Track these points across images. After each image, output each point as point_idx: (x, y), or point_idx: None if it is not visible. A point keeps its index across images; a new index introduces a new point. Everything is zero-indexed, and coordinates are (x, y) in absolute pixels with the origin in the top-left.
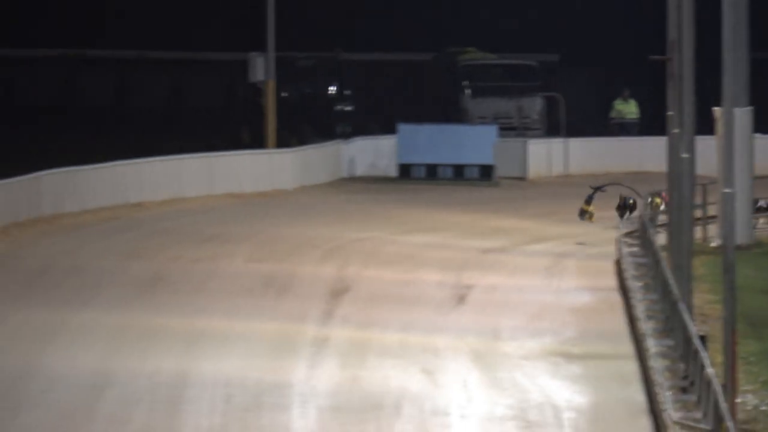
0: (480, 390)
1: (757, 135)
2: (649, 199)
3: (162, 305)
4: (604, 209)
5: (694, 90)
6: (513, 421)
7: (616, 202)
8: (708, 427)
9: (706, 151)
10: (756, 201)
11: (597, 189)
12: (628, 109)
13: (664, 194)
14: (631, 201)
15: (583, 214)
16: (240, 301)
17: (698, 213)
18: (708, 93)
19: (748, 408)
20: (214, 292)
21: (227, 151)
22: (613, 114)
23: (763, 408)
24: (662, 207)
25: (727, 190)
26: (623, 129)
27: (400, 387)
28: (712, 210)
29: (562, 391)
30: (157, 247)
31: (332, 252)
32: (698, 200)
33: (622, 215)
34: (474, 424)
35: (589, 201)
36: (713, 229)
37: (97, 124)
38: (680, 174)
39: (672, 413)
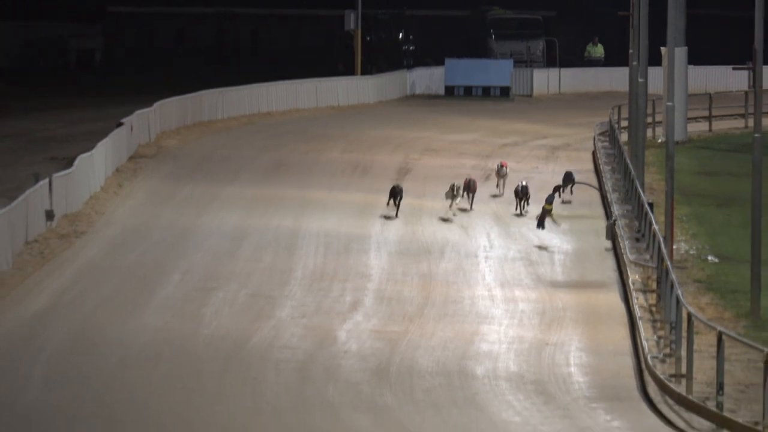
0: (498, 240)
1: (690, 66)
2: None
3: (283, 182)
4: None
5: (648, 35)
6: (521, 261)
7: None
8: (653, 265)
9: (656, 77)
10: None
11: (557, 189)
12: (596, 50)
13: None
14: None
15: (544, 215)
16: (336, 179)
17: (649, 119)
18: (657, 37)
19: (681, 252)
20: (318, 173)
21: (328, 77)
22: (585, 54)
23: (692, 252)
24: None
25: (669, 104)
26: (591, 64)
27: (443, 238)
28: (659, 117)
29: (555, 241)
30: (280, 142)
31: (399, 145)
32: (649, 110)
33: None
34: (494, 263)
35: (550, 200)
36: (659, 130)
37: (239, 61)
38: (637, 93)
39: (629, 255)
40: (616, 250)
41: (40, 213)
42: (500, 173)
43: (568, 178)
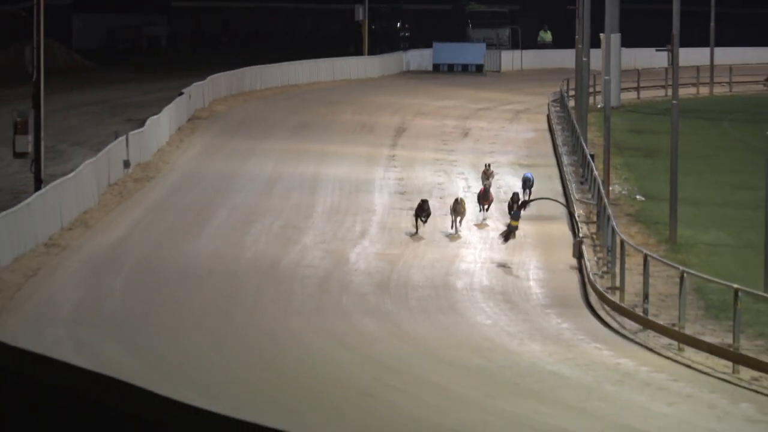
0: (474, 182)
1: (623, 48)
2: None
3: (307, 138)
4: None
5: (590, 24)
6: (494, 201)
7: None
8: (594, 202)
9: (596, 57)
10: None
11: (523, 205)
12: (546, 36)
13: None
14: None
15: (510, 232)
16: (348, 135)
17: (591, 89)
18: (597, 26)
19: (615, 192)
20: (335, 131)
21: (342, 57)
22: (539, 38)
23: (624, 192)
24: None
25: (606, 77)
26: (543, 46)
27: (432, 181)
28: (599, 87)
29: (518, 182)
30: (305, 107)
31: (397, 110)
32: (591, 82)
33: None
34: (471, 203)
35: (516, 217)
36: (599, 98)
37: (273, 44)
38: (582, 68)
39: (575, 194)
40: (565, 191)
41: (119, 162)
42: (487, 173)
43: (526, 184)
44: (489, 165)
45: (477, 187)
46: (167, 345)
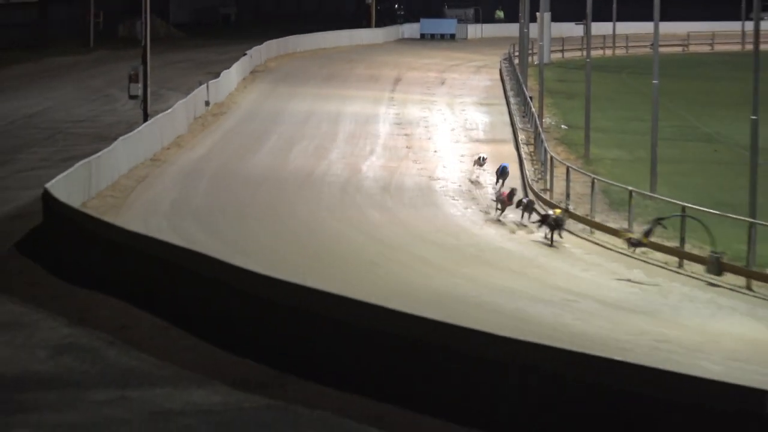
0: (449, 116)
1: (553, 22)
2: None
3: (332, 85)
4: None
5: (529, 6)
6: (461, 129)
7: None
8: (532, 130)
9: (534, 28)
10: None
11: (659, 221)
12: (500, 13)
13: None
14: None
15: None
16: (361, 84)
17: (530, 51)
18: (535, 6)
19: (547, 124)
20: (352, 80)
21: (357, 29)
22: (496, 16)
23: (552, 123)
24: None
25: (541, 43)
26: (498, 22)
27: (419, 116)
28: (536, 50)
29: (480, 116)
30: (330, 64)
31: (395, 66)
32: (531, 47)
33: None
34: (446, 130)
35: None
36: (536, 58)
37: (308, 20)
38: (523, 37)
39: (519, 124)
40: (512, 122)
41: (202, 102)
42: (480, 163)
43: (503, 172)
44: (484, 158)
45: (450, 118)
46: (234, 229)
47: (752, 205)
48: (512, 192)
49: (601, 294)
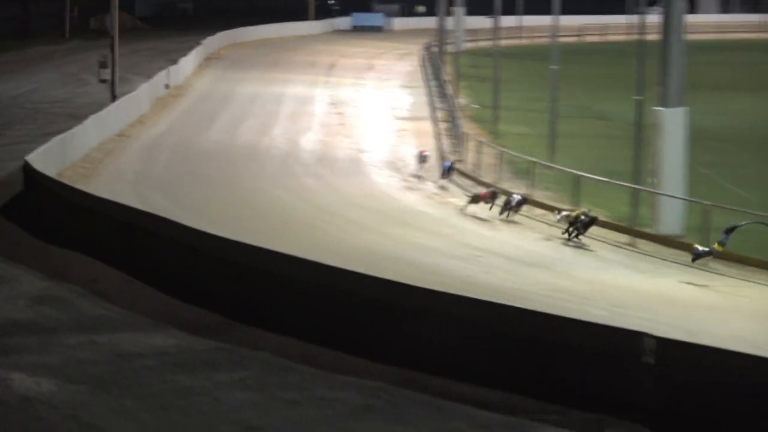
0: (378, 95)
1: (467, 17)
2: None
3: (276, 70)
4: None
5: (447, 3)
6: (387, 108)
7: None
8: (449, 109)
9: (451, 21)
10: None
11: (732, 229)
12: (421, 8)
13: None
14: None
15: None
16: (300, 69)
17: (447, 41)
18: (453, 4)
19: (462, 104)
20: (293, 66)
21: (298, 21)
22: (417, 10)
23: (466, 103)
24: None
25: (457, 33)
26: (419, 15)
27: (352, 97)
28: (452, 40)
29: (404, 97)
30: (275, 52)
31: (330, 53)
32: (448, 37)
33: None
34: (374, 109)
35: (723, 242)
36: (452, 46)
37: (255, 14)
38: (441, 29)
39: (437, 104)
40: (431, 103)
41: (163, 85)
42: (423, 159)
43: (449, 169)
44: (426, 156)
45: (377, 99)
46: (189, 195)
47: (636, 173)
48: (494, 193)
49: (504, 251)
